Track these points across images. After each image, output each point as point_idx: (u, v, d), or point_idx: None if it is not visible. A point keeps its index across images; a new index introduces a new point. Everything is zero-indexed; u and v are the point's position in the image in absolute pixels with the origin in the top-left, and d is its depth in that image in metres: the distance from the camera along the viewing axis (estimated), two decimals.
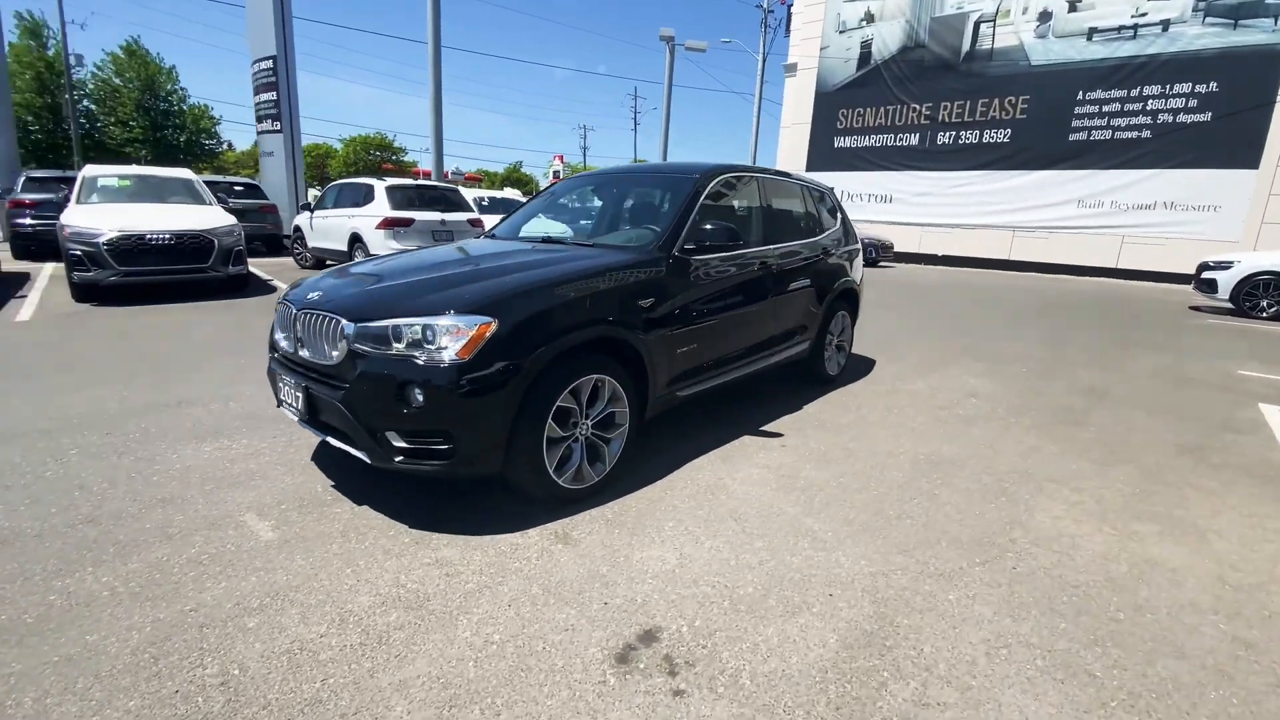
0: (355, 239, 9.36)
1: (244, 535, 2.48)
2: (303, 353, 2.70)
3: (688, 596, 2.15)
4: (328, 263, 10.00)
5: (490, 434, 2.42)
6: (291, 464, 3.15)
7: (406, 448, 2.40)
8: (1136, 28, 17.20)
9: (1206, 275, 10.50)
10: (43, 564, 2.25)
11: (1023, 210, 19.57)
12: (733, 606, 2.10)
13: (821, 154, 24.06)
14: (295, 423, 2.87)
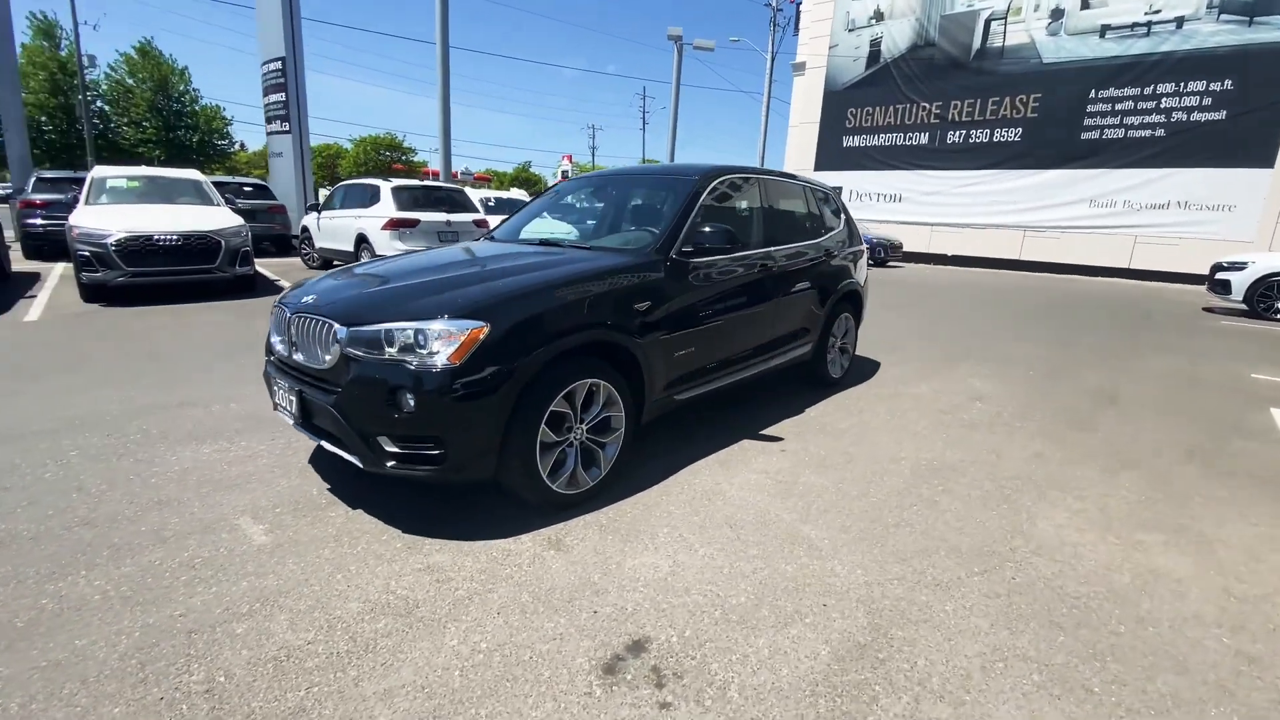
0: (361, 240, 9.39)
1: (238, 539, 2.48)
2: (297, 356, 2.70)
3: (679, 605, 2.12)
4: (335, 263, 10.04)
5: (482, 439, 2.41)
6: (288, 467, 3.15)
7: (398, 453, 2.39)
8: (1150, 25, 16.98)
9: (1220, 276, 10.35)
10: (36, 567, 2.25)
11: (1034, 210, 19.38)
12: (724, 616, 2.07)
13: (830, 153, 23.96)
14: (291, 426, 2.87)
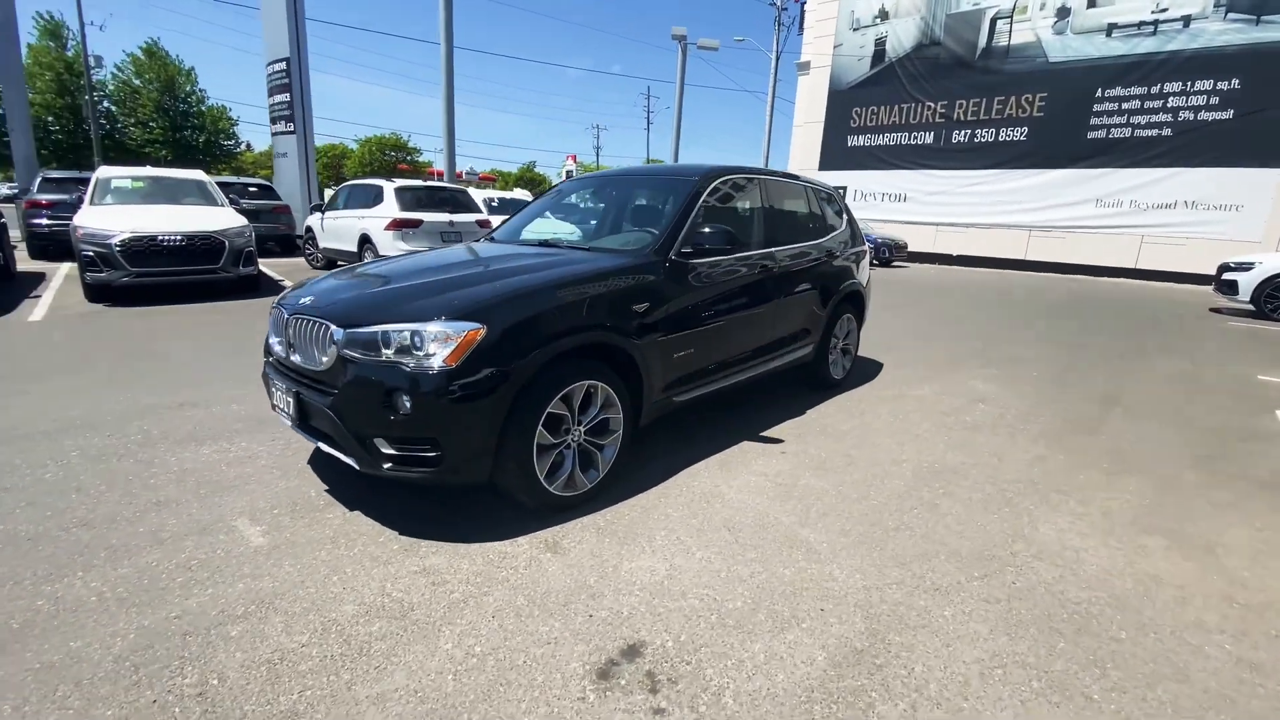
0: (365, 240, 9.41)
1: (235, 540, 2.48)
2: (294, 358, 2.69)
3: (675, 610, 2.11)
4: (339, 263, 10.06)
5: (478, 441, 2.40)
6: (287, 468, 3.15)
7: (395, 455, 2.38)
8: (1157, 23, 16.88)
9: (1227, 276, 10.28)
10: (34, 568, 2.26)
11: (1040, 209, 19.30)
12: (720, 621, 2.06)
13: (835, 153, 23.90)
14: (289, 427, 2.86)
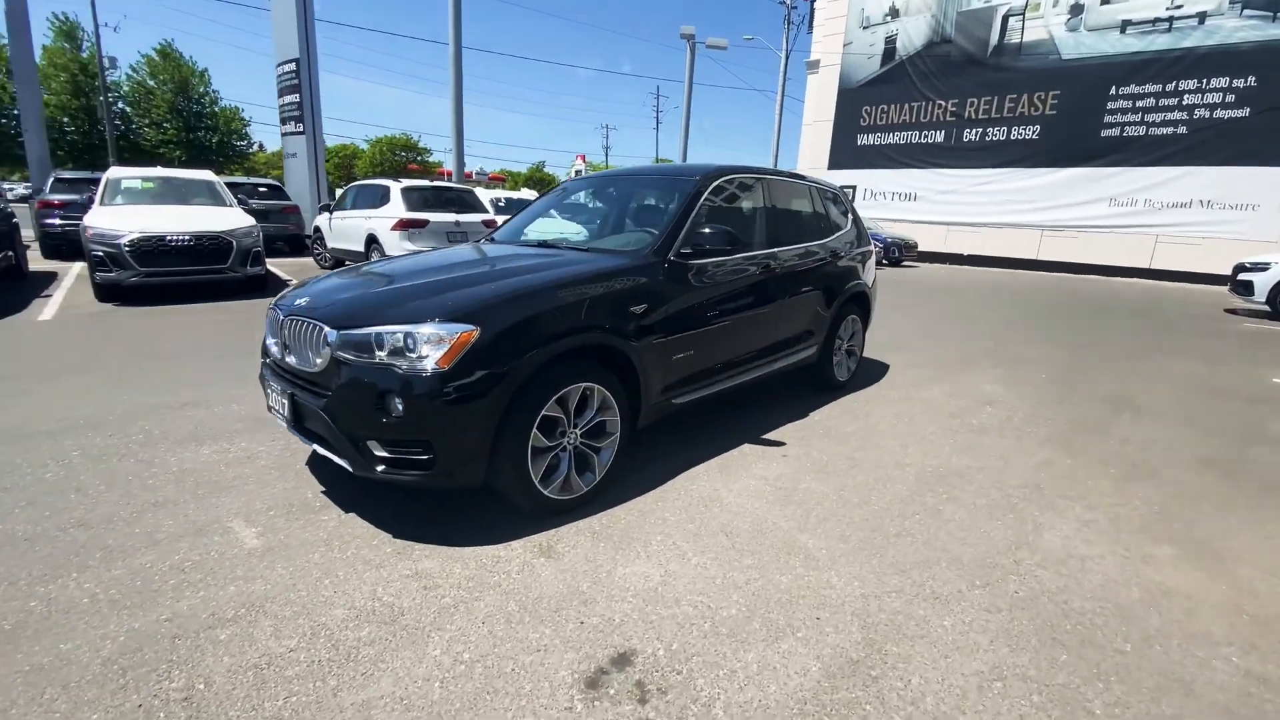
0: (371, 240, 9.43)
1: (229, 542, 2.47)
2: (289, 359, 2.68)
3: (667, 617, 2.07)
4: (346, 263, 10.09)
5: (472, 444, 2.38)
6: (285, 469, 3.15)
7: (388, 457, 2.36)
8: (1172, 20, 16.63)
9: (1243, 277, 10.10)
10: (29, 569, 2.26)
11: (1052, 209, 19.08)
12: (713, 629, 2.02)
13: (844, 151, 23.76)
14: (285, 428, 2.85)
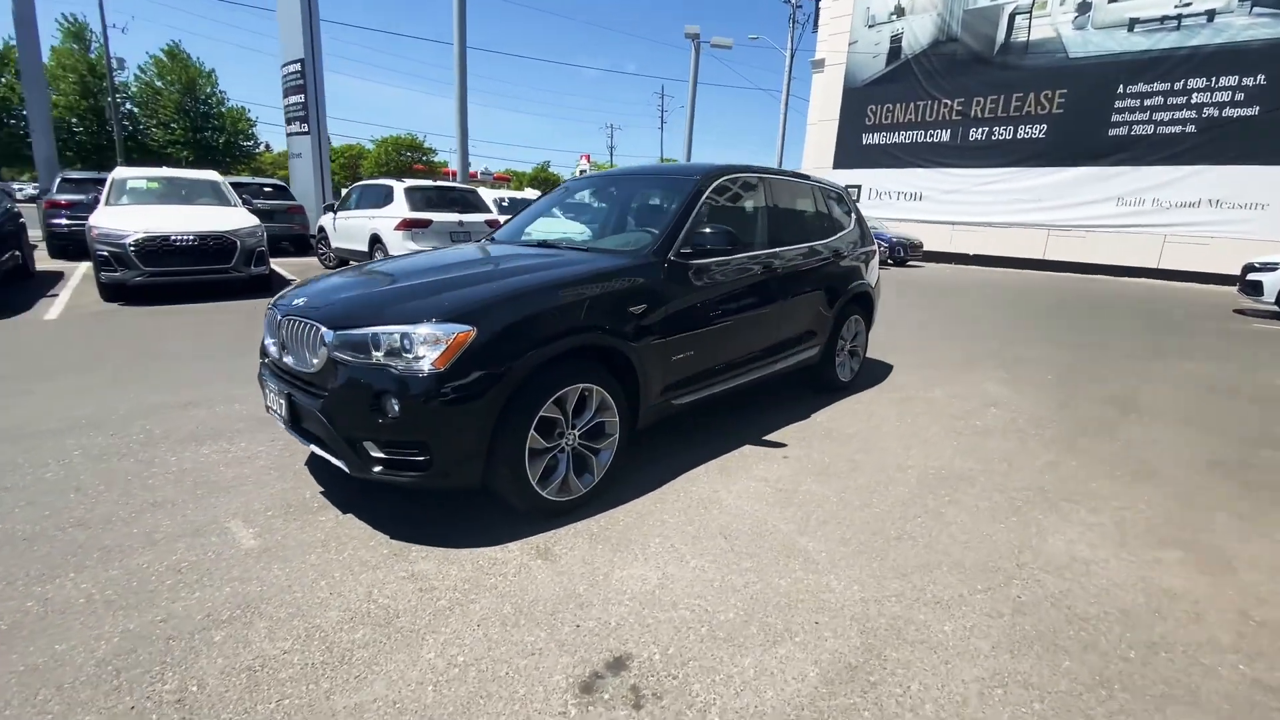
0: (375, 240, 9.44)
1: (226, 543, 2.46)
2: (286, 359, 2.68)
3: (664, 621, 2.05)
4: (350, 263, 10.11)
5: (468, 445, 2.36)
6: (285, 469, 3.14)
7: (384, 458, 2.35)
8: (1180, 18, 16.48)
9: (1252, 277, 9.99)
10: (27, 568, 2.26)
11: (1059, 208, 18.94)
12: (710, 633, 2.00)
13: (849, 151, 23.66)
14: (283, 429, 2.85)
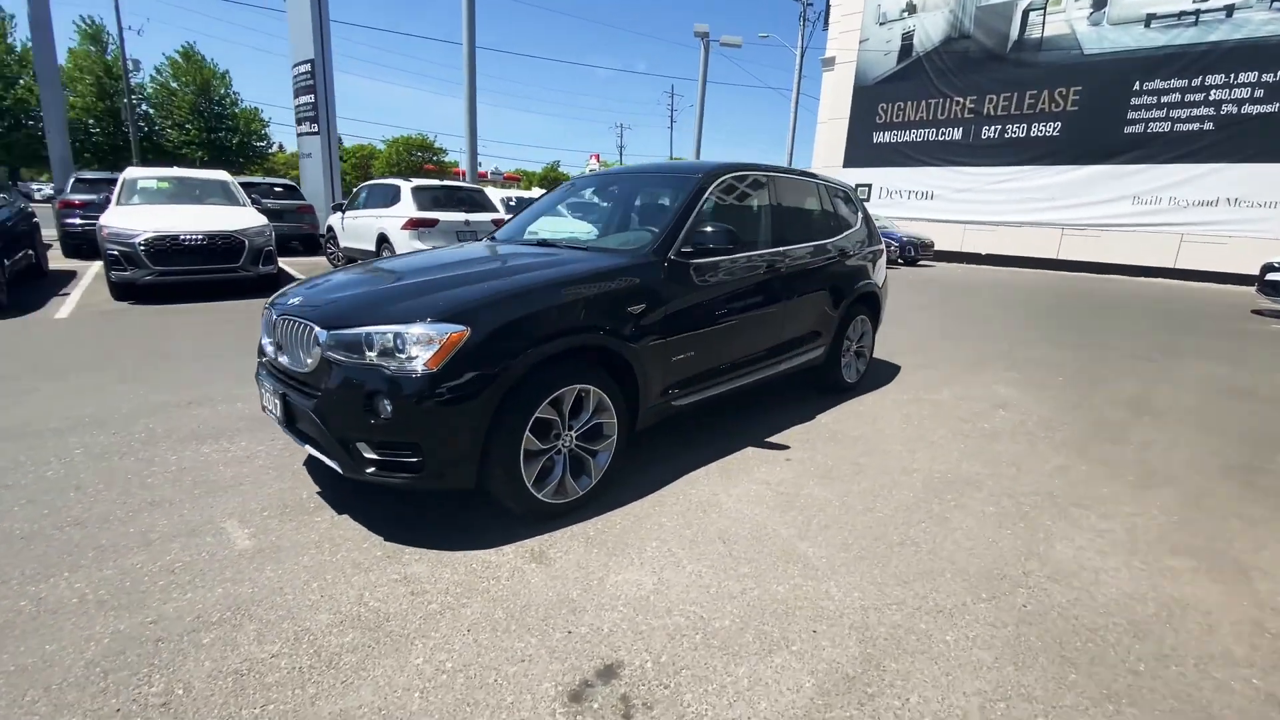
0: (382, 239, 9.46)
1: (221, 543, 2.45)
2: (282, 359, 2.66)
3: (658, 628, 2.01)
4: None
5: (462, 447, 2.33)
6: (283, 469, 3.13)
7: (377, 459, 2.33)
8: (1198, 14, 16.20)
9: (1271, 276, 9.82)
10: (22, 568, 2.25)
11: (1073, 207, 18.70)
12: (705, 641, 1.96)
13: (859, 149, 23.50)
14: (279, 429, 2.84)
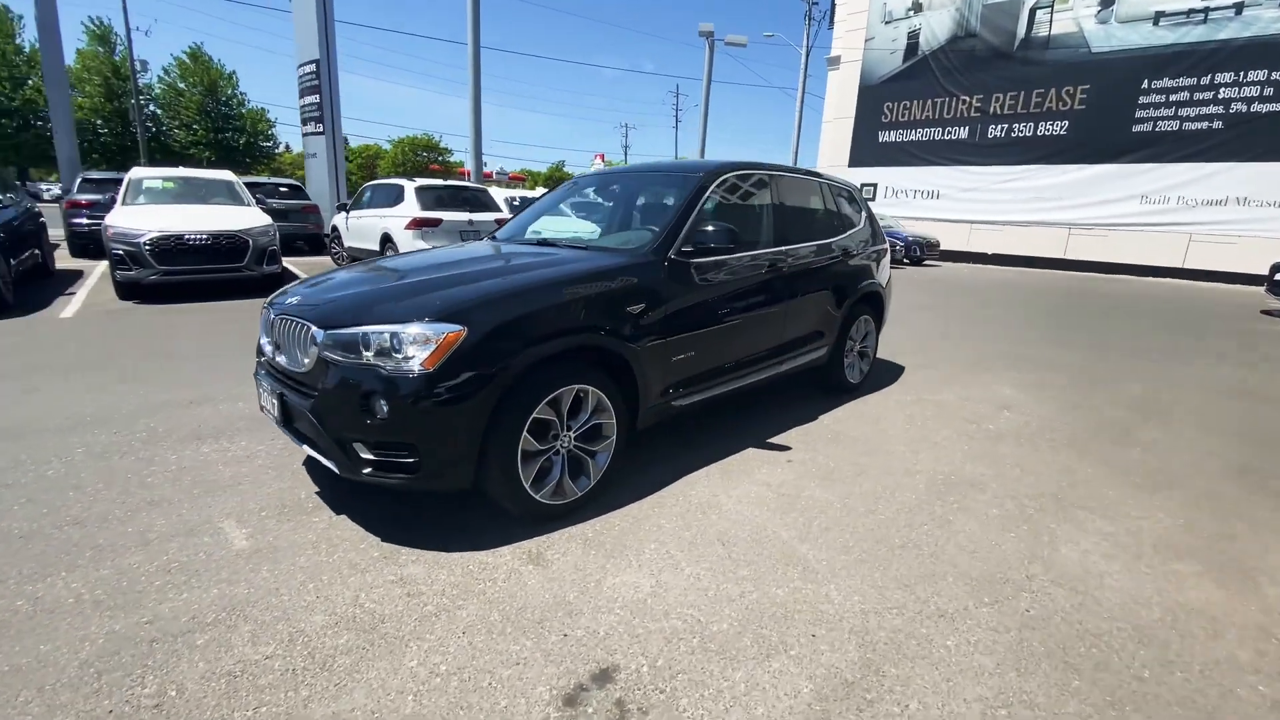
0: (386, 239, 9.47)
1: (218, 543, 2.44)
2: (279, 359, 2.65)
3: (655, 631, 1.99)
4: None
5: (458, 447, 2.32)
6: (282, 468, 3.13)
7: (373, 459, 2.32)
8: (1207, 11, 16.04)
9: None
10: (20, 567, 2.25)
11: (1080, 206, 18.56)
12: (702, 645, 1.93)
13: (865, 149, 23.38)
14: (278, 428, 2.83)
